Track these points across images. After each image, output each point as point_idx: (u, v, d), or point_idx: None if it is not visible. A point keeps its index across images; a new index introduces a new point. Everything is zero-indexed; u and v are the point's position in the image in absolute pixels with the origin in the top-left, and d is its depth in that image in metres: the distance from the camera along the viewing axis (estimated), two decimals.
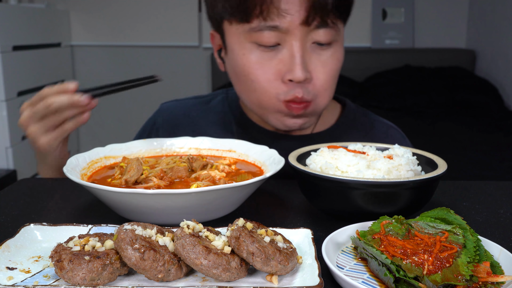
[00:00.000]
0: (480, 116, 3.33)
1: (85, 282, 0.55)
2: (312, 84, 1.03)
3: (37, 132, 0.96)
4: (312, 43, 1.01)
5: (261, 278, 0.59)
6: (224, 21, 1.05)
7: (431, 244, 0.60)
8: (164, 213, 0.73)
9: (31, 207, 0.88)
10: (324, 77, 1.03)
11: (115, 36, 3.98)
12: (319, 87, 1.04)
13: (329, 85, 1.05)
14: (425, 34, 4.14)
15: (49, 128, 0.96)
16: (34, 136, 0.97)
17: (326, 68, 1.03)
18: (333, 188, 0.75)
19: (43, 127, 0.96)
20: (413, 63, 3.89)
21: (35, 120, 0.96)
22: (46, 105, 0.93)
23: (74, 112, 0.94)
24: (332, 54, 1.04)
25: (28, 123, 0.97)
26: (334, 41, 1.03)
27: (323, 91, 1.05)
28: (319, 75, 1.03)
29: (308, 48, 1.01)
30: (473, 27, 4.07)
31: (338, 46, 1.05)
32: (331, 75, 1.05)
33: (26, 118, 0.97)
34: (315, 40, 1.00)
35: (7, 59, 2.96)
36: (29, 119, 0.96)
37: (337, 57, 1.05)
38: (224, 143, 1.03)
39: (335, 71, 1.05)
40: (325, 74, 1.03)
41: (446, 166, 0.79)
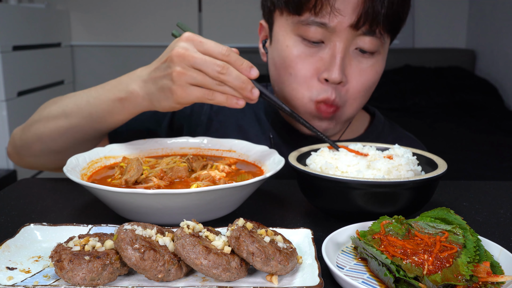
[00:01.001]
0: (480, 116, 3.33)
1: (85, 282, 0.55)
2: (345, 89, 1.03)
3: (186, 78, 0.84)
4: (355, 48, 1.01)
5: (261, 278, 0.59)
6: (276, 10, 1.06)
7: (431, 244, 0.60)
8: (164, 213, 0.73)
9: (31, 207, 0.88)
10: (358, 86, 1.03)
11: (115, 36, 3.98)
12: (351, 94, 1.03)
13: (361, 95, 1.04)
14: (425, 34, 4.14)
15: (200, 84, 0.85)
16: (179, 78, 0.85)
17: (363, 77, 1.03)
18: (333, 188, 0.75)
19: (196, 80, 0.84)
20: (413, 63, 3.89)
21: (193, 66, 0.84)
22: (220, 70, 0.83)
23: (232, 93, 0.85)
24: (373, 64, 1.03)
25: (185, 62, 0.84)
26: (377, 52, 1.02)
27: (353, 100, 1.04)
28: (354, 82, 1.02)
29: (350, 52, 1.01)
30: (473, 27, 4.07)
31: (380, 59, 1.04)
32: (365, 85, 1.04)
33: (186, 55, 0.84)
34: (359, 46, 1.00)
35: (7, 59, 2.96)
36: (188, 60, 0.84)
37: (376, 69, 1.04)
38: (224, 143, 1.03)
39: (371, 82, 1.05)
40: (359, 83, 1.03)
41: (446, 166, 0.79)
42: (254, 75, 0.85)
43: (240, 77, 0.84)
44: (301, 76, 1.02)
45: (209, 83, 0.84)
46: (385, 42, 1.03)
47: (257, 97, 0.86)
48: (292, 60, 1.02)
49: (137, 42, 3.99)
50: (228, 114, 1.23)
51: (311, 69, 1.01)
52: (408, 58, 3.92)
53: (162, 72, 0.88)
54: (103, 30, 3.98)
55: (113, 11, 3.95)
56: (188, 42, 0.86)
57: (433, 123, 3.20)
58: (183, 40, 0.86)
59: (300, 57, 1.01)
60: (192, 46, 0.85)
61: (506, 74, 3.65)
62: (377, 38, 1.00)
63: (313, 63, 1.01)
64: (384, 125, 1.24)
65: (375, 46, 1.01)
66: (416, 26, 4.13)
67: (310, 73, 1.01)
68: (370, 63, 1.03)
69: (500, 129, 3.02)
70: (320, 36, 0.99)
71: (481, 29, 3.97)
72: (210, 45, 0.86)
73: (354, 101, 1.05)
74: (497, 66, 3.77)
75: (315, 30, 0.98)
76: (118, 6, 3.94)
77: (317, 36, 0.99)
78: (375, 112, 1.27)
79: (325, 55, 1.00)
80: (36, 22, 3.36)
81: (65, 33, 3.87)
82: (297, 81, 1.03)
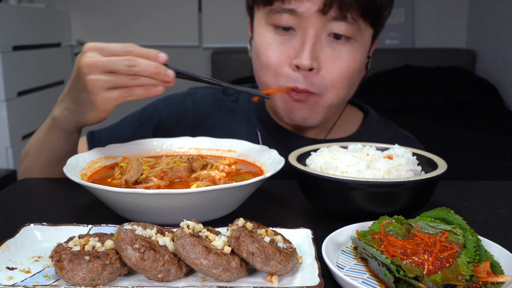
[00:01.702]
0: (480, 116, 3.33)
1: (85, 282, 0.55)
2: (319, 76, 1.02)
3: (102, 84, 0.85)
4: (328, 35, 1.01)
5: (261, 278, 0.59)
6: (255, 5, 1.08)
7: (431, 244, 0.60)
8: (164, 213, 0.73)
9: (31, 207, 0.88)
10: (334, 72, 1.02)
11: (115, 36, 3.98)
12: (328, 81, 1.03)
13: (339, 82, 1.03)
14: (425, 34, 4.14)
15: (116, 85, 0.86)
16: (95, 87, 0.86)
17: (338, 64, 1.02)
18: (333, 188, 0.75)
19: (111, 82, 0.85)
20: (413, 63, 3.89)
21: (104, 70, 0.85)
22: (129, 63, 0.84)
23: (149, 82, 0.86)
24: (348, 51, 1.02)
25: (95, 69, 0.85)
26: (353, 39, 1.01)
27: (331, 87, 1.03)
28: (329, 69, 1.02)
29: (323, 38, 1.01)
30: (473, 27, 4.07)
31: (357, 46, 1.03)
32: (344, 73, 1.03)
33: (94, 62, 0.85)
34: (332, 31, 1.00)
35: (7, 59, 2.96)
36: (98, 66, 0.85)
37: (354, 56, 1.03)
38: (224, 143, 1.03)
39: (348, 69, 1.03)
40: (335, 69, 1.02)
41: (446, 166, 0.79)
42: (162, 59, 0.86)
43: (150, 64, 0.85)
44: (272, 63, 1.03)
45: (123, 81, 0.85)
46: (361, 29, 1.02)
47: (173, 77, 0.86)
48: (264, 48, 1.04)
49: (137, 42, 3.93)
50: (215, 118, 1.23)
51: (283, 56, 1.02)
52: (408, 58, 3.92)
53: (77, 87, 0.90)
54: (103, 30, 3.98)
55: (113, 11, 3.95)
56: (91, 51, 0.87)
57: (433, 123, 3.19)
58: (85, 51, 0.88)
59: (272, 44, 1.03)
60: (96, 53, 0.87)
61: (506, 74, 3.65)
62: (349, 24, 0.99)
63: (285, 50, 1.02)
64: (379, 123, 1.23)
65: (348, 31, 1.00)
66: (416, 26, 4.13)
67: (282, 61, 1.03)
68: (346, 50, 1.02)
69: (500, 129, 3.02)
70: (290, 23, 1.00)
71: (481, 29, 3.97)
72: (113, 46, 0.87)
73: (333, 89, 1.04)
74: (497, 66, 3.77)
75: (285, 17, 1.00)
76: (118, 6, 3.94)
77: (288, 23, 1.00)
78: (369, 110, 1.26)
79: (297, 42, 1.01)
80: (36, 22, 3.36)
81: (65, 33, 3.87)
82: (269, 69, 1.04)
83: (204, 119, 1.23)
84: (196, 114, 1.24)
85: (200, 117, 1.24)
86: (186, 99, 1.27)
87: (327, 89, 1.04)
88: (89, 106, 0.90)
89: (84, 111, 0.92)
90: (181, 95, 1.29)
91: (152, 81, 0.86)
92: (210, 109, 1.25)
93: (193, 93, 1.28)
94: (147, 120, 1.24)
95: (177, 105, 1.26)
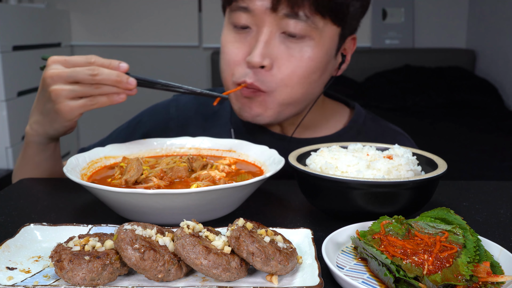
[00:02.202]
0: (480, 116, 3.33)
1: (85, 282, 0.55)
2: (271, 74, 1.01)
3: (65, 94, 0.89)
4: (282, 33, 1.00)
5: (261, 278, 0.59)
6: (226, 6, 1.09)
7: (431, 244, 0.60)
8: (164, 213, 0.73)
9: (31, 207, 0.88)
10: (287, 71, 1.00)
11: (115, 36, 3.98)
12: (279, 80, 1.01)
13: (290, 80, 1.01)
14: (425, 34, 4.14)
15: (79, 95, 0.89)
16: (58, 96, 0.89)
17: (291, 62, 1.00)
18: (333, 188, 0.75)
19: (74, 91, 0.89)
20: (413, 63, 3.89)
21: (67, 81, 0.89)
22: (91, 72, 0.87)
23: (112, 90, 0.89)
24: (302, 49, 1.00)
25: (58, 80, 0.89)
26: (309, 37, 0.99)
27: (283, 86, 1.02)
28: (282, 67, 1.01)
29: (277, 37, 1.00)
30: (473, 27, 4.07)
31: (312, 44, 1.00)
32: (297, 72, 1.01)
33: (58, 73, 0.89)
34: (285, 30, 0.99)
35: (7, 59, 2.96)
36: (61, 77, 0.89)
37: (309, 55, 1.00)
38: (224, 143, 1.03)
39: (303, 68, 1.01)
40: (288, 68, 1.00)
41: (446, 166, 0.79)
42: (124, 68, 0.90)
43: (112, 73, 0.88)
44: (228, 60, 1.05)
45: (86, 90, 0.89)
46: (319, 27, 0.99)
47: (135, 85, 0.90)
48: (223, 45, 1.06)
49: (137, 42, 3.99)
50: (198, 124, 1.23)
51: (239, 53, 1.03)
52: (408, 58, 3.92)
53: (42, 98, 0.94)
54: (103, 30, 3.98)
55: (113, 11, 3.95)
56: (54, 64, 0.91)
57: (433, 123, 3.19)
58: (49, 64, 0.92)
59: (230, 42, 1.05)
60: (59, 65, 0.91)
61: (506, 74, 3.65)
62: (303, 22, 0.97)
63: (241, 48, 1.03)
64: (366, 120, 1.21)
65: (302, 30, 0.98)
66: (416, 26, 4.13)
67: (238, 58, 1.04)
68: (300, 49, 1.00)
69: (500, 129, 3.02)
70: (245, 21, 1.01)
71: (481, 29, 3.97)
72: (75, 58, 0.91)
73: (285, 88, 1.02)
74: (497, 66, 3.77)
75: (240, 16, 1.01)
76: (118, 6, 3.94)
77: (243, 21, 1.01)
78: (355, 106, 1.24)
79: (252, 40, 1.02)
80: (36, 22, 3.36)
81: (65, 33, 3.87)
82: (226, 65, 1.06)
83: (187, 125, 1.23)
84: (179, 121, 1.24)
85: (183, 123, 1.24)
86: (169, 106, 1.28)
87: (278, 87, 1.02)
88: (54, 116, 0.93)
89: (51, 122, 0.95)
90: (165, 104, 1.30)
91: (115, 89, 0.90)
92: (193, 115, 1.25)
93: (176, 100, 1.29)
94: (133, 132, 1.24)
95: (161, 114, 1.27)
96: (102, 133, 4.36)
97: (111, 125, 1.31)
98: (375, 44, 4.09)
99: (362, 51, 3.93)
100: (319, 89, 1.09)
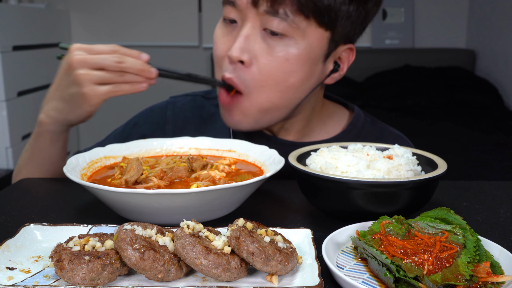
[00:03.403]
0: (480, 116, 3.33)
1: (85, 282, 0.55)
2: (250, 71, 0.99)
3: (91, 78, 0.91)
4: (264, 29, 0.98)
5: (261, 278, 0.59)
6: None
7: (431, 244, 0.60)
8: (164, 213, 0.73)
9: (31, 207, 0.88)
10: (265, 70, 0.98)
11: (115, 36, 3.98)
12: (256, 79, 0.99)
13: (268, 83, 0.99)
14: (425, 34, 4.14)
15: (105, 81, 0.92)
16: (84, 81, 0.91)
17: (270, 61, 0.98)
18: (333, 188, 0.75)
19: (100, 77, 0.91)
20: (413, 63, 3.89)
21: (94, 66, 0.91)
22: (117, 60, 0.91)
23: (135, 79, 0.92)
24: (281, 48, 0.97)
25: (84, 65, 0.91)
26: (289, 36, 0.96)
27: (260, 87, 0.99)
28: (261, 65, 0.98)
29: (258, 33, 0.99)
30: (473, 27, 4.07)
31: (292, 45, 0.97)
32: (273, 73, 0.98)
33: (83, 59, 0.91)
34: (266, 26, 0.97)
35: (7, 59, 2.96)
36: (87, 62, 0.91)
37: (286, 56, 0.97)
38: (224, 143, 1.03)
39: (281, 69, 0.98)
40: (266, 67, 0.98)
41: (446, 166, 0.79)
42: (145, 58, 0.93)
43: (137, 62, 0.92)
44: (217, 55, 1.05)
45: (111, 76, 0.92)
46: (301, 27, 0.96)
47: (156, 74, 0.93)
48: (215, 39, 1.07)
49: (137, 42, 3.99)
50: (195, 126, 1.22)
51: (224, 48, 1.03)
52: (408, 58, 3.92)
53: (66, 82, 0.95)
54: (103, 30, 3.98)
55: (113, 11, 3.95)
56: (79, 50, 0.93)
57: (433, 123, 3.20)
58: (74, 50, 0.93)
59: (219, 36, 1.05)
60: (85, 52, 0.93)
61: (506, 74, 3.65)
62: (282, 20, 0.95)
63: (226, 42, 1.03)
64: (365, 123, 1.19)
65: (281, 28, 0.96)
66: (416, 26, 4.13)
67: (223, 52, 1.03)
68: (279, 48, 0.98)
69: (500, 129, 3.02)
70: (232, 15, 1.01)
71: (481, 29, 3.97)
72: (99, 47, 0.94)
73: (261, 89, 1.00)
74: (497, 66, 3.77)
75: (227, 9, 1.02)
76: (118, 6, 3.94)
77: (231, 16, 1.01)
78: (354, 108, 1.22)
79: (236, 33, 1.01)
80: (36, 22, 3.36)
81: (65, 33, 3.87)
82: (215, 58, 1.06)
83: (183, 128, 1.22)
84: (175, 124, 1.24)
85: (179, 126, 1.23)
86: (166, 108, 1.27)
87: (255, 88, 1.00)
88: (79, 101, 0.94)
89: (74, 107, 0.96)
90: (161, 106, 1.29)
91: (138, 78, 0.92)
92: (189, 118, 1.24)
93: (172, 102, 1.28)
94: (130, 135, 1.23)
95: (157, 116, 1.27)
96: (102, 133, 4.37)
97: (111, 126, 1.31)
98: (375, 44, 4.09)
99: (362, 51, 3.94)
100: (302, 95, 1.04)
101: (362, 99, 3.57)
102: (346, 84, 3.67)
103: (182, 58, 4.03)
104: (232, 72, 1.00)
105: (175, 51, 4.02)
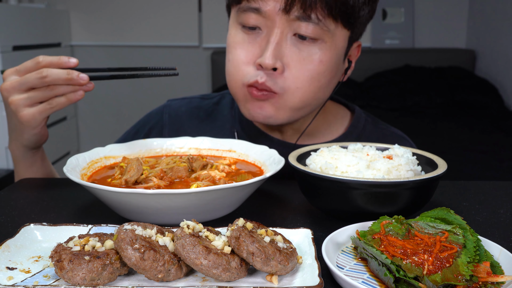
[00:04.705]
0: (480, 116, 3.33)
1: (85, 282, 0.55)
2: (283, 77, 1.00)
3: (22, 102, 0.90)
4: (294, 35, 0.99)
5: (261, 278, 0.59)
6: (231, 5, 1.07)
7: (431, 244, 0.60)
8: (164, 213, 0.73)
9: (31, 207, 0.88)
10: (299, 74, 1.00)
11: (115, 36, 3.98)
12: (290, 82, 1.00)
13: (303, 84, 1.01)
14: (425, 34, 4.14)
15: (36, 100, 0.90)
16: (17, 106, 0.90)
17: (303, 65, 0.99)
18: (333, 188, 0.75)
19: (31, 98, 0.90)
20: (413, 63, 3.89)
21: (22, 89, 0.90)
22: (40, 76, 0.87)
23: (68, 89, 0.89)
24: (315, 52, 0.99)
25: (13, 91, 0.90)
26: (321, 40, 0.98)
27: (294, 88, 1.01)
28: (293, 70, 1.00)
29: (288, 38, 0.99)
30: (473, 27, 4.07)
31: (324, 48, 0.99)
32: (308, 75, 1.00)
33: (11, 85, 0.90)
34: (297, 31, 0.98)
35: (7, 59, 2.96)
36: (15, 87, 0.90)
37: (320, 58, 1.00)
38: (224, 143, 1.03)
39: (313, 71, 1.00)
40: (300, 71, 0.99)
41: (446, 166, 0.79)
42: (73, 63, 0.90)
43: (61, 72, 0.88)
44: (236, 61, 1.03)
45: (41, 94, 0.90)
46: (331, 30, 0.98)
47: (87, 80, 0.89)
48: (231, 46, 1.05)
49: (137, 42, 3.98)
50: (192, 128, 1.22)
51: (248, 55, 1.02)
52: (408, 58, 3.92)
53: (8, 113, 0.96)
54: (103, 30, 3.98)
55: (113, 11, 3.95)
56: (10, 75, 0.93)
57: (433, 123, 3.19)
58: (6, 76, 0.93)
59: (238, 43, 1.03)
60: (12, 76, 0.92)
61: (506, 74, 3.65)
62: (314, 24, 0.96)
63: (250, 49, 1.02)
64: (366, 123, 1.20)
65: (314, 32, 0.97)
66: (416, 26, 4.13)
67: (247, 59, 1.02)
68: (312, 51, 0.99)
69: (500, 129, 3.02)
70: (255, 22, 1.00)
71: (481, 29, 3.96)
72: (24, 65, 0.91)
73: (296, 90, 1.01)
74: (497, 66, 3.77)
75: (250, 16, 1.00)
76: (118, 6, 3.94)
77: (253, 22, 1.00)
78: (355, 109, 1.23)
79: (262, 41, 1.01)
80: (36, 22, 3.36)
81: (65, 33, 3.87)
82: (233, 66, 1.04)
83: (180, 131, 1.22)
84: (172, 127, 1.24)
85: (177, 128, 1.23)
86: (163, 112, 1.27)
87: (290, 90, 1.01)
88: (21, 127, 0.95)
89: (21, 133, 0.97)
90: (158, 110, 1.29)
91: (70, 87, 0.89)
92: (186, 120, 1.24)
93: (168, 106, 1.29)
94: None
95: (154, 121, 1.27)
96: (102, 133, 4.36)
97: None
98: (375, 44, 4.09)
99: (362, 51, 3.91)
100: (328, 94, 1.08)
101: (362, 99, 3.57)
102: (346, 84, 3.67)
103: (182, 58, 4.02)
104: (264, 77, 1.00)
105: (175, 51, 4.02)
